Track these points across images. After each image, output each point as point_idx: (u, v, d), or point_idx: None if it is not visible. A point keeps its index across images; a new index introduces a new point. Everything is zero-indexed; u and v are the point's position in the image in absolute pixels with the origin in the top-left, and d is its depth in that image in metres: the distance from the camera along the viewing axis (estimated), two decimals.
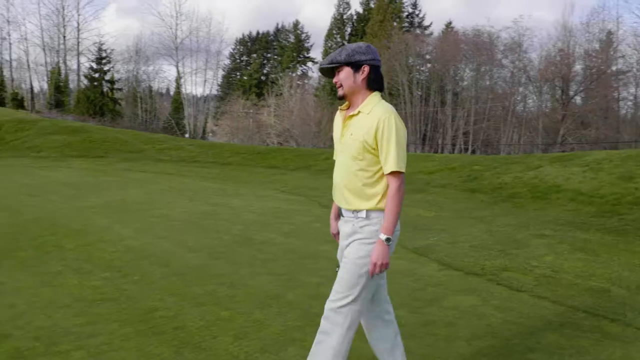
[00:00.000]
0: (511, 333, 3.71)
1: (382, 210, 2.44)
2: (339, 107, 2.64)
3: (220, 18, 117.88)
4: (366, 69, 2.45)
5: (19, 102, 56.10)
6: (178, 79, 57.11)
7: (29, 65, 66.35)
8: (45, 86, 64.69)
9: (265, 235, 6.67)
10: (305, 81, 61.05)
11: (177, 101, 56.71)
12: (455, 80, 42.87)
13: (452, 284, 4.82)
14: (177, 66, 56.87)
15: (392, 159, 2.37)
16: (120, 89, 57.64)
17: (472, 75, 41.92)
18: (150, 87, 59.97)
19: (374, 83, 2.50)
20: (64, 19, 62.44)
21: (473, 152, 38.27)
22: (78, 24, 62.69)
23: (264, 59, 70.30)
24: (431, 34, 50.33)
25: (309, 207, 9.04)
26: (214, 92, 63.32)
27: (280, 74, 57.25)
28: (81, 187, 10.64)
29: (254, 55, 70.48)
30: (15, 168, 14.52)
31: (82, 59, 61.11)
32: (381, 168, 2.43)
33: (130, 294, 4.32)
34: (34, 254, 5.47)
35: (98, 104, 52.33)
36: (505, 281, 4.90)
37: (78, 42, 62.03)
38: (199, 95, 58.13)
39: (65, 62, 62.47)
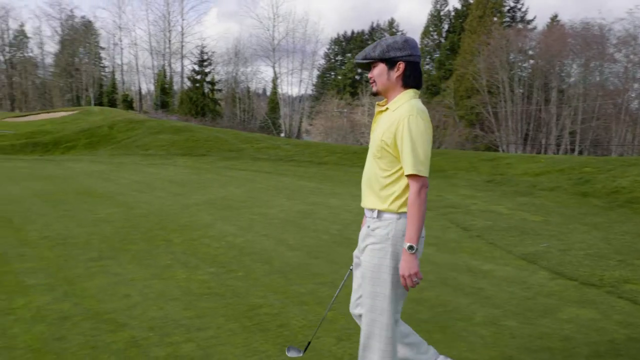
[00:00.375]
0: (638, 352, 3.38)
1: (394, 212, 2.31)
2: (377, 103, 2.50)
3: (316, 19, 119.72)
4: (401, 65, 2.32)
5: (128, 104, 60.24)
6: (274, 80, 58.65)
7: (137, 69, 71.02)
8: (152, 88, 68.95)
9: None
10: None
11: (274, 101, 58.20)
12: (561, 77, 40.50)
13: (566, 295, 4.49)
14: (273, 67, 58.41)
15: (409, 161, 2.22)
16: (220, 90, 60.11)
17: (580, 71, 39.40)
18: (248, 88, 62.11)
19: (410, 80, 2.35)
20: (169, 24, 66.17)
21: (580, 152, 35.99)
22: (182, 29, 66.14)
23: None
24: (534, 28, 47.81)
25: None
26: (309, 92, 64.41)
27: None
28: (185, 184, 11.14)
29: (349, 54, 70.83)
30: (127, 166, 15.50)
31: (186, 62, 64.41)
32: (400, 169, 2.30)
33: (235, 290, 4.41)
34: (145, 247, 5.76)
35: (200, 104, 54.86)
36: (627, 294, 4.49)
37: (182, 46, 65.46)
38: (294, 95, 59.35)
39: (170, 65, 66.19)
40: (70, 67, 73.73)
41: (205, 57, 57.66)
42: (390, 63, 2.33)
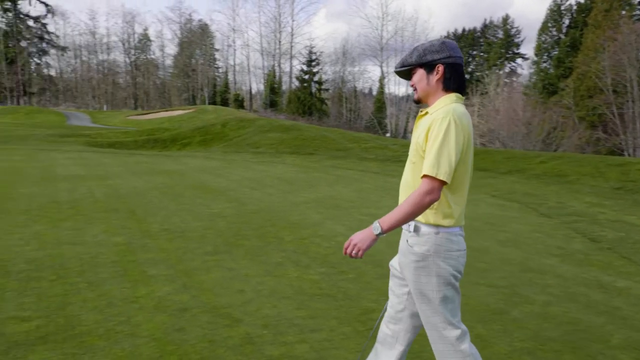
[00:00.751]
0: None
1: (431, 225, 2.19)
2: (420, 110, 2.39)
3: (426, 16, 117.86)
4: (440, 68, 2.25)
5: (239, 103, 62.90)
6: (382, 79, 58.42)
7: (249, 69, 73.99)
8: (262, 87, 71.60)
9: (479, 242, 6.26)
10: (514, 79, 57.73)
11: (380, 101, 58.01)
12: None
13: None
14: (381, 66, 58.25)
15: (428, 160, 2.09)
16: (327, 90, 61.03)
17: None
18: (354, 87, 62.44)
19: (451, 83, 2.26)
20: (280, 25, 68.27)
21: None
22: (292, 30, 67.99)
23: (469, 57, 68.25)
24: None
25: (525, 214, 8.32)
26: None
27: (486, 72, 55.02)
28: (294, 182, 11.28)
29: None
30: (238, 163, 16.05)
31: (294, 62, 66.13)
32: None
33: (346, 292, 4.32)
34: (257, 244, 5.84)
35: (307, 103, 55.99)
36: None
37: (291, 46, 67.28)
38: (400, 95, 58.77)
39: (279, 65, 68.30)
40: (187, 68, 78.41)
41: (314, 57, 58.73)
42: (429, 67, 2.28)
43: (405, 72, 2.38)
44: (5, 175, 10.92)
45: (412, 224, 2.24)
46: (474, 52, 68.47)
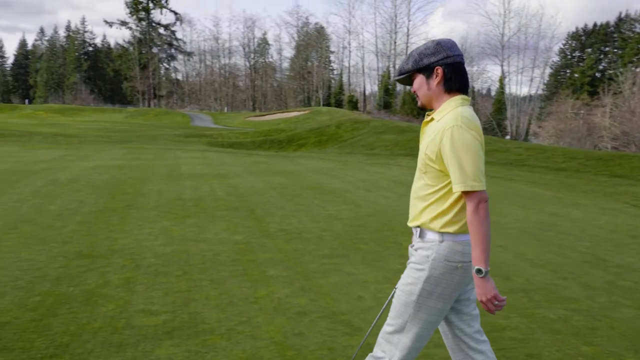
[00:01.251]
0: None
1: (436, 231, 2.07)
2: (426, 113, 2.29)
3: (552, 12, 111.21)
4: (439, 70, 2.14)
5: (353, 104, 63.28)
6: (502, 79, 55.93)
7: (363, 71, 74.30)
8: (375, 89, 71.65)
9: (621, 257, 5.62)
10: None
11: (499, 101, 55.53)
12: None
13: None
14: (501, 65, 55.76)
15: (457, 178, 1.99)
16: None
17: None
18: (472, 88, 60.36)
19: (453, 83, 2.14)
20: (395, 25, 67.90)
21: None
22: (408, 30, 67.27)
23: (601, 54, 63.25)
24: None
25: None
26: (540, 91, 60.05)
27: (621, 70, 50.60)
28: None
29: (589, 50, 64.12)
30: (352, 164, 16.02)
31: None
32: (446, 185, 2.07)
33: None
34: (374, 249, 5.67)
35: None
36: None
37: (407, 47, 66.63)
38: (521, 96, 55.92)
39: (394, 66, 67.85)
40: (303, 70, 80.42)
41: None
42: (427, 71, 2.17)
43: (406, 79, 2.28)
44: (137, 172, 11.72)
45: (418, 229, 2.16)
46: (607, 49, 63.32)
